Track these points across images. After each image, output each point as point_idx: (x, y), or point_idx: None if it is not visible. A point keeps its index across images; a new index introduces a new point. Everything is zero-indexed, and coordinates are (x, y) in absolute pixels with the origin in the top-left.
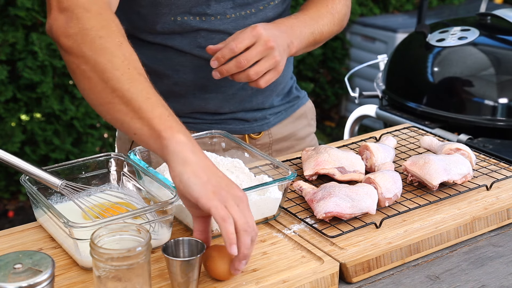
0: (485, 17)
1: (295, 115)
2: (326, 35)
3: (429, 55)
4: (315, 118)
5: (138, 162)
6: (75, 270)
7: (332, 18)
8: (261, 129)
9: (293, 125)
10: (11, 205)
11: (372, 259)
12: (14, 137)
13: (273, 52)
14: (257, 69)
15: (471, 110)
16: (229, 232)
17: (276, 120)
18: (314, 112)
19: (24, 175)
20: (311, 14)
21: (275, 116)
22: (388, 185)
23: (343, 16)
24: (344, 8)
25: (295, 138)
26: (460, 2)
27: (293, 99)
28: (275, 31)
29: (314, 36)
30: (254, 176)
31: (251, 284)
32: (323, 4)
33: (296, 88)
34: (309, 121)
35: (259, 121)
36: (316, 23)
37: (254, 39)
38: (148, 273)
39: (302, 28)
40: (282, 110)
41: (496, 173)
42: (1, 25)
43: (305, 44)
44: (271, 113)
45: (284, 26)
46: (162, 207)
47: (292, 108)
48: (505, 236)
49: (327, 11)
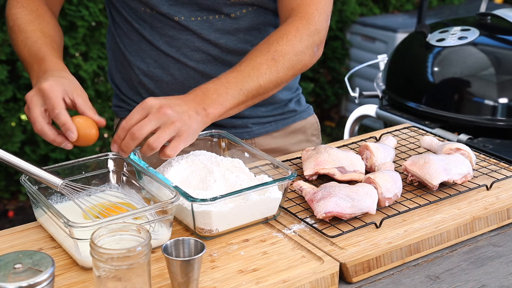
0: (485, 17)
1: (288, 129)
2: (268, 86)
3: (429, 55)
4: (319, 134)
5: (138, 162)
6: (75, 270)
7: (274, 65)
8: (241, 136)
9: (284, 139)
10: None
11: (372, 259)
12: (14, 137)
13: (169, 118)
14: (155, 136)
15: (471, 110)
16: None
17: (261, 131)
18: (318, 128)
19: (24, 175)
20: (243, 68)
21: (260, 126)
22: (388, 185)
23: (293, 57)
24: (297, 46)
25: (285, 153)
26: (460, 2)
27: (288, 112)
28: (174, 100)
29: (246, 93)
30: (254, 176)
31: (251, 284)
32: (264, 50)
33: (297, 102)
34: (309, 137)
35: (238, 128)
36: (247, 77)
37: (144, 112)
38: (148, 273)
39: (222, 90)
40: (271, 121)
41: (496, 173)
42: (1, 25)
43: (231, 105)
44: (255, 122)
45: (192, 95)
46: (162, 207)
47: (284, 121)
48: (505, 236)
49: (266, 58)
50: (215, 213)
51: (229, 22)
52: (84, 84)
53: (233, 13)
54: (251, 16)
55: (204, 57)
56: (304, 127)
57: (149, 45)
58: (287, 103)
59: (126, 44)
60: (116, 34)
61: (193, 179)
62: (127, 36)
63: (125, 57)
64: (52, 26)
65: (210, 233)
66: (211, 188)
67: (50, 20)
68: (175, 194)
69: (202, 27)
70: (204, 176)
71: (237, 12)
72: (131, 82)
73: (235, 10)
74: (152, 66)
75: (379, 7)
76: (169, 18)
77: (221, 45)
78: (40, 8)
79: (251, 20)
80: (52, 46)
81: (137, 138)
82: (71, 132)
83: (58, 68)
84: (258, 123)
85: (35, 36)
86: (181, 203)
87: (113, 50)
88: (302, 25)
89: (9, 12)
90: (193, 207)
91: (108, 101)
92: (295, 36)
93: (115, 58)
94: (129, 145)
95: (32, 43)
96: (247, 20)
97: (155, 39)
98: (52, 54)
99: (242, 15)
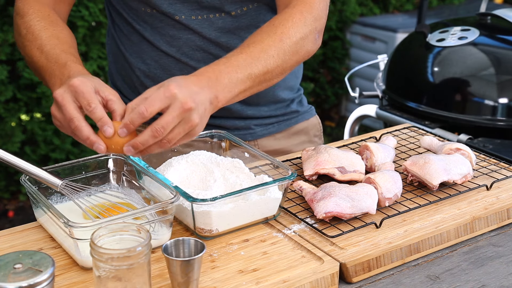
0: (485, 17)
1: (291, 130)
2: (275, 70)
3: (429, 55)
4: (321, 135)
5: (138, 162)
6: (75, 270)
7: (281, 46)
8: (244, 138)
9: (287, 141)
10: (11, 205)
11: (372, 259)
12: (14, 137)
13: (191, 115)
14: (170, 136)
15: (471, 110)
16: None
17: (264, 132)
18: (320, 129)
19: (24, 175)
20: (251, 49)
21: (263, 128)
22: (388, 185)
23: (299, 40)
24: (302, 30)
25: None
26: (460, 2)
27: (290, 113)
28: (194, 87)
29: (253, 78)
30: (254, 176)
31: (251, 284)
32: (271, 32)
33: (299, 103)
34: (311, 138)
35: (241, 130)
36: (256, 60)
37: (167, 102)
38: (148, 273)
39: (233, 73)
40: (274, 122)
41: (496, 173)
42: (1, 25)
43: (238, 92)
44: (258, 123)
45: (206, 78)
46: (162, 207)
47: (287, 122)
48: (505, 236)
49: (274, 40)
50: (215, 213)
51: (230, 21)
52: None
53: (234, 11)
54: (251, 14)
55: (205, 57)
56: (306, 128)
57: (149, 46)
58: (289, 104)
59: (126, 46)
60: (116, 36)
61: (193, 179)
62: (128, 38)
63: (125, 59)
64: (66, 32)
65: (210, 233)
66: (211, 188)
67: (64, 26)
68: (175, 194)
69: (202, 26)
70: (204, 176)
71: (237, 10)
72: (132, 84)
73: (235, 8)
74: (153, 67)
75: (379, 7)
76: (170, 17)
77: (222, 44)
78: (51, 15)
79: (252, 19)
80: (71, 53)
81: (159, 138)
82: (108, 127)
83: (83, 72)
84: (261, 124)
85: (52, 43)
86: (181, 203)
87: (113, 53)
88: (305, 10)
89: (20, 20)
90: (193, 207)
91: None
92: (300, 20)
93: (115, 61)
94: (148, 143)
95: (49, 50)
96: (248, 19)
97: (156, 40)
98: (73, 60)
99: (242, 13)
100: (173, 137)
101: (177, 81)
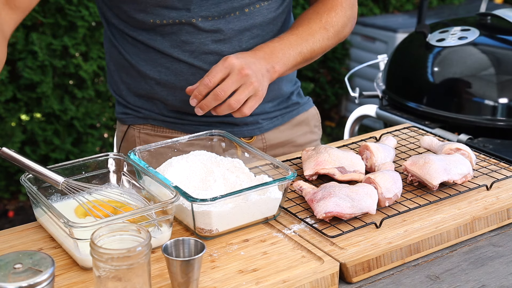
0: (485, 17)
1: (293, 122)
2: (318, 51)
3: (429, 55)
4: (319, 126)
5: (138, 162)
6: (75, 270)
7: (325, 33)
8: (252, 133)
9: (291, 132)
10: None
11: (372, 259)
12: (14, 137)
13: (249, 78)
14: (236, 97)
15: (471, 110)
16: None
17: (270, 126)
18: (319, 119)
19: (24, 175)
20: (300, 32)
21: (269, 121)
22: (388, 185)
23: (340, 28)
24: (342, 19)
25: (293, 145)
26: (460, 2)
27: (292, 105)
28: (250, 59)
29: (302, 55)
30: (254, 176)
31: (251, 284)
32: (316, 19)
33: (298, 95)
34: (312, 128)
35: (250, 125)
36: (305, 41)
37: (227, 70)
38: (148, 273)
39: (286, 50)
40: (278, 115)
41: (496, 173)
42: None
43: (291, 65)
44: (264, 118)
45: (262, 52)
46: (162, 207)
47: (289, 114)
48: (505, 236)
49: (320, 27)
50: (215, 213)
51: (244, 19)
52: (84, 84)
53: (247, 8)
54: (264, 11)
55: (218, 59)
56: (307, 118)
57: (158, 53)
58: (290, 96)
59: (132, 54)
60: (118, 44)
61: (193, 179)
62: (133, 46)
63: (132, 66)
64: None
65: (210, 233)
66: (211, 188)
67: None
68: (175, 194)
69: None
70: (204, 176)
71: (250, 7)
72: (141, 92)
73: (248, 5)
74: (164, 74)
75: (379, 7)
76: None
77: (234, 43)
78: None
79: (265, 15)
80: None
81: (220, 99)
82: None
83: None
84: (267, 119)
85: None
86: (181, 203)
87: (116, 62)
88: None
89: None
90: (193, 207)
91: (108, 101)
92: (341, 10)
93: (119, 70)
94: (210, 104)
95: None
96: (261, 16)
97: (166, 47)
98: None
99: (255, 10)
100: (239, 98)
101: (235, 54)
